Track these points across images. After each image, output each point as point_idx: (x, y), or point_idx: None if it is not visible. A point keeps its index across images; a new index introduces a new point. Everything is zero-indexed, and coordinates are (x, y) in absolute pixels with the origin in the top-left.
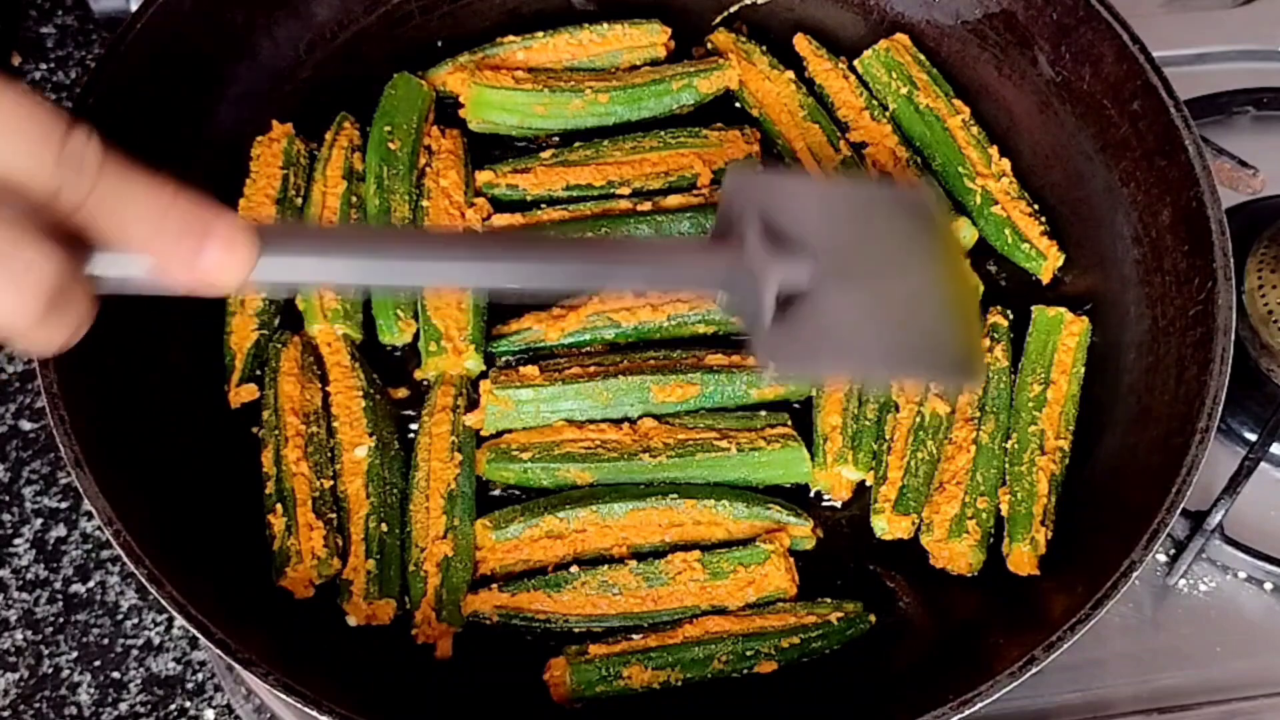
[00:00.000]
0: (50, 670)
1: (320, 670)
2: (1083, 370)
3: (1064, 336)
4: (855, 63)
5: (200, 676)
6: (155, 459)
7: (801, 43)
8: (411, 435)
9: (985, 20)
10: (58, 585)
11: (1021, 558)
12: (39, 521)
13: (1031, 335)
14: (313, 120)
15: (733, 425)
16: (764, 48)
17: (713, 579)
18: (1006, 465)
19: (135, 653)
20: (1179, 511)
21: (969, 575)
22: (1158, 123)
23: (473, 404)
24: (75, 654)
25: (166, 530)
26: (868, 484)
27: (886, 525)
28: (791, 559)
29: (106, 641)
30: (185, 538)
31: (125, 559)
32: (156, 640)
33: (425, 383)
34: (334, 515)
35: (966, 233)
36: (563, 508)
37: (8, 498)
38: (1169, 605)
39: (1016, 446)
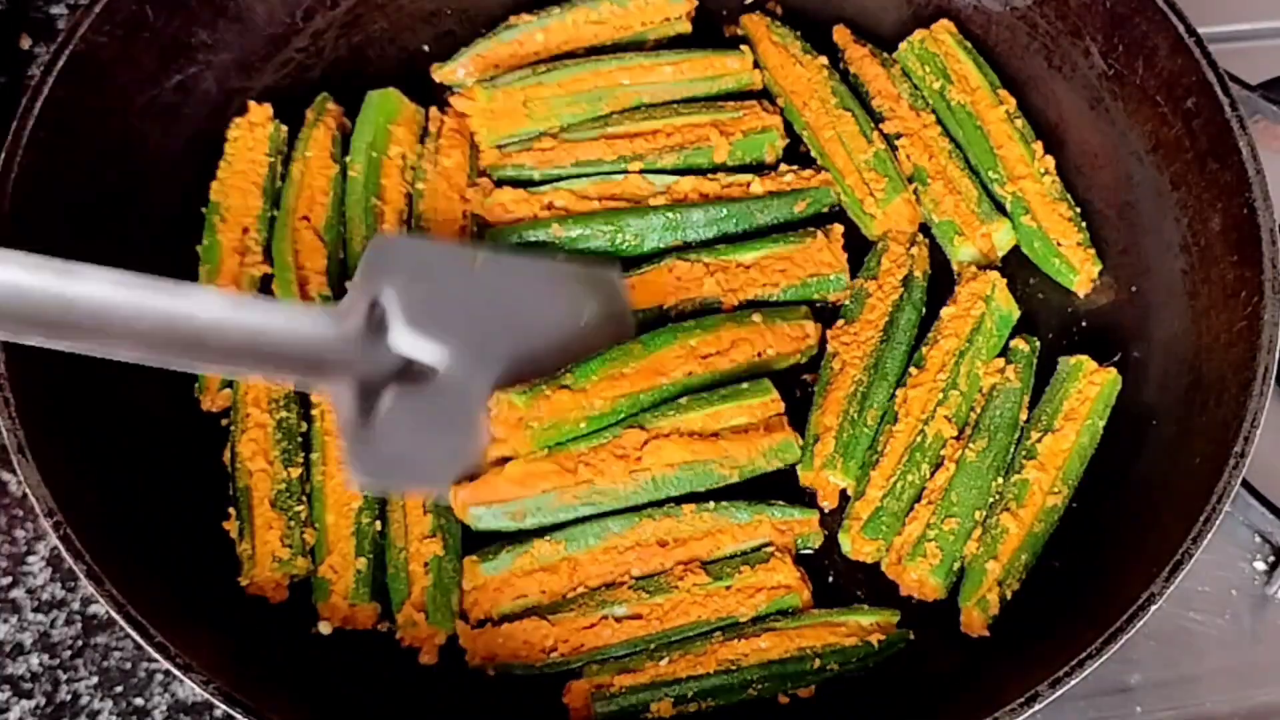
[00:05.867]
0: (69, 697)
1: (286, 680)
2: (1100, 425)
3: (1083, 385)
4: (894, 55)
5: None
6: (115, 452)
7: (841, 34)
8: None
9: (1035, 7)
10: (75, 606)
11: (971, 617)
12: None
13: (1051, 384)
14: (303, 96)
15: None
16: (798, 33)
17: (716, 582)
18: (987, 510)
19: (159, 678)
20: (1205, 542)
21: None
22: (1212, 122)
23: None
24: (95, 679)
25: (120, 528)
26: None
27: (851, 546)
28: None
29: (129, 666)
30: (146, 538)
31: (64, 553)
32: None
33: None
34: (301, 508)
35: (1005, 236)
36: (552, 530)
37: (21, 513)
38: (1269, 617)
39: (1000, 495)
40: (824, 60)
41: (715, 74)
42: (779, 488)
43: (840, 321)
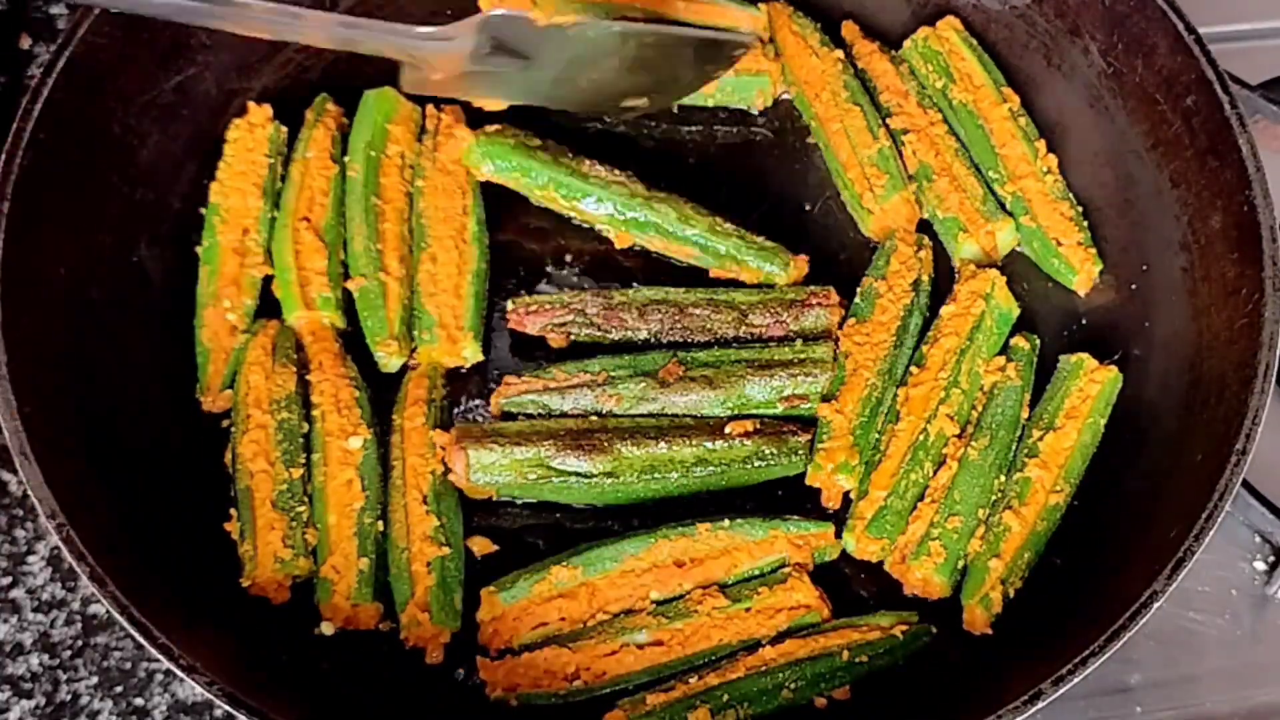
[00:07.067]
0: (69, 697)
1: (288, 681)
2: (1101, 423)
3: (1084, 383)
4: (899, 53)
5: None
6: (116, 454)
7: (850, 29)
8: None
9: (1034, 5)
10: (75, 606)
11: (974, 615)
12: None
13: (1052, 382)
14: (303, 96)
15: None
16: (819, 24)
17: (735, 605)
18: (990, 507)
19: (159, 677)
20: (1207, 540)
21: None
22: (1211, 120)
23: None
24: (95, 679)
25: (122, 530)
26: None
27: (856, 545)
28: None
29: (129, 666)
30: (148, 539)
31: (67, 554)
32: None
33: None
34: (303, 509)
35: (1009, 235)
36: (569, 556)
37: (21, 512)
38: (1269, 617)
39: (1003, 493)
40: (840, 54)
41: (726, 25)
42: (779, 484)
43: (851, 320)
